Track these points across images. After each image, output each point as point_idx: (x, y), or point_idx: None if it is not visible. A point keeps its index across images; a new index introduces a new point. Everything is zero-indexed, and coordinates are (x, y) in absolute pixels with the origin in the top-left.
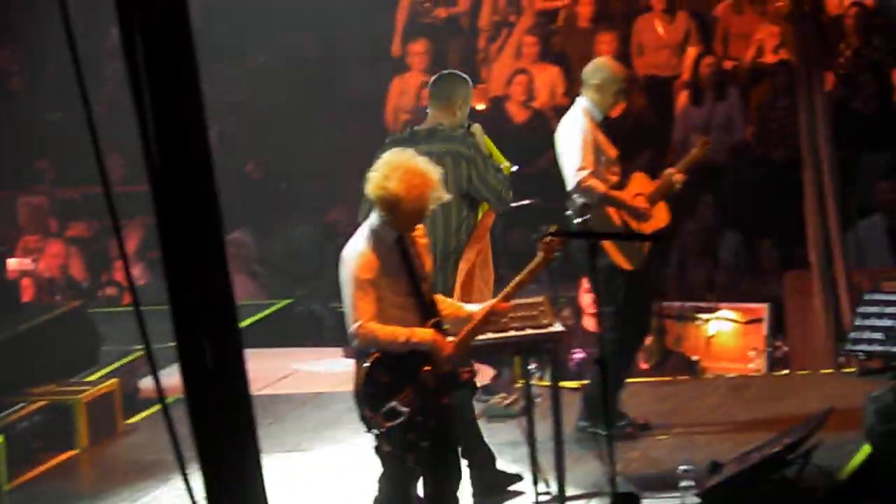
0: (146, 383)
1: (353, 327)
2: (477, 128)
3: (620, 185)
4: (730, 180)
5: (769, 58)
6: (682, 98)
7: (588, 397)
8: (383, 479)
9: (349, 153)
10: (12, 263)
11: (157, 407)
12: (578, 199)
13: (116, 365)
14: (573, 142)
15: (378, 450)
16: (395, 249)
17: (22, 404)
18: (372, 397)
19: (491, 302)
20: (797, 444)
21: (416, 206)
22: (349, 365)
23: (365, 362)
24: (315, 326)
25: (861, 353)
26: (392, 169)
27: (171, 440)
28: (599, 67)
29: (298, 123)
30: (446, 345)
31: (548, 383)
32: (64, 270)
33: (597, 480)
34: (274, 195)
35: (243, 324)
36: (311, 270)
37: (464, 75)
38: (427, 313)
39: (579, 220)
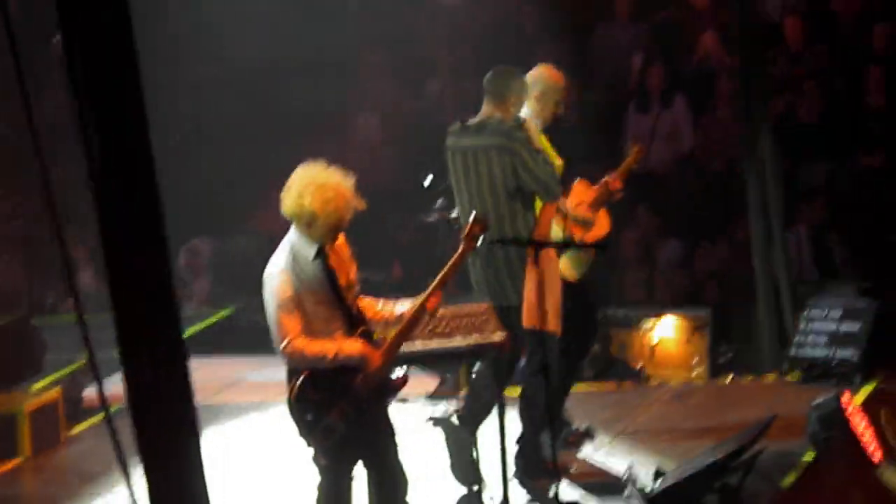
0: (90, 392)
1: (280, 345)
2: (530, 122)
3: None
4: (672, 189)
5: (713, 65)
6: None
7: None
8: (321, 489)
9: (293, 163)
10: None
11: (101, 416)
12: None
13: (60, 374)
14: None
15: (316, 461)
16: (316, 263)
17: None
18: (305, 415)
19: (417, 301)
20: (740, 452)
21: (333, 220)
22: None
23: (295, 382)
24: (259, 335)
25: (804, 360)
26: (304, 185)
27: (115, 449)
28: (540, 77)
29: (241, 134)
30: (375, 355)
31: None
32: (8, 279)
33: (542, 488)
34: (217, 205)
35: (187, 332)
36: (255, 279)
37: (517, 71)
38: (353, 323)
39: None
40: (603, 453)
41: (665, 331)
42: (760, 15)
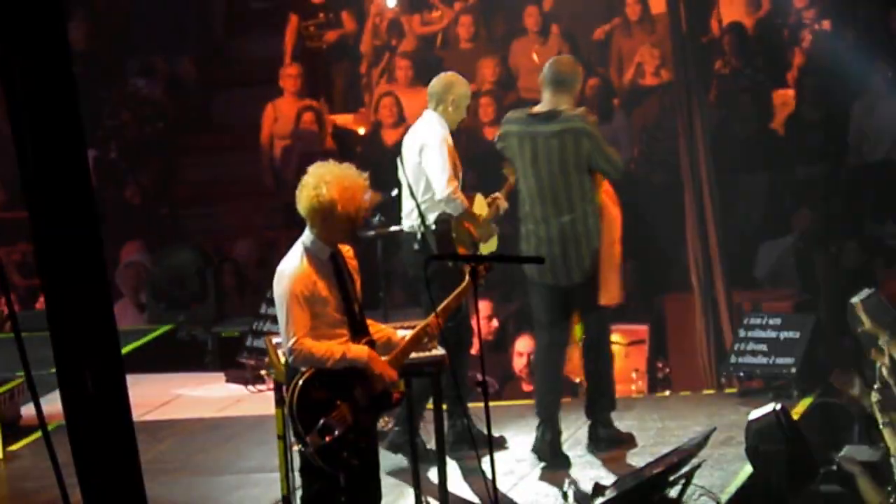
0: (28, 410)
1: (289, 343)
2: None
3: None
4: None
5: (649, 80)
6: None
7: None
8: (306, 502)
9: (227, 178)
10: None
11: (38, 433)
12: (434, 212)
13: None
14: (439, 152)
15: (305, 468)
16: (329, 267)
17: None
18: (305, 413)
19: (422, 323)
20: (679, 465)
21: (350, 212)
22: (231, 390)
23: (298, 378)
24: (197, 352)
25: (742, 373)
26: (319, 177)
27: (53, 467)
28: (453, 83)
29: (176, 148)
30: (381, 362)
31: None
32: None
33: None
34: (154, 220)
35: (124, 350)
36: (193, 295)
37: (575, 60)
38: (358, 332)
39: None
40: (541, 468)
41: None
42: (701, 29)
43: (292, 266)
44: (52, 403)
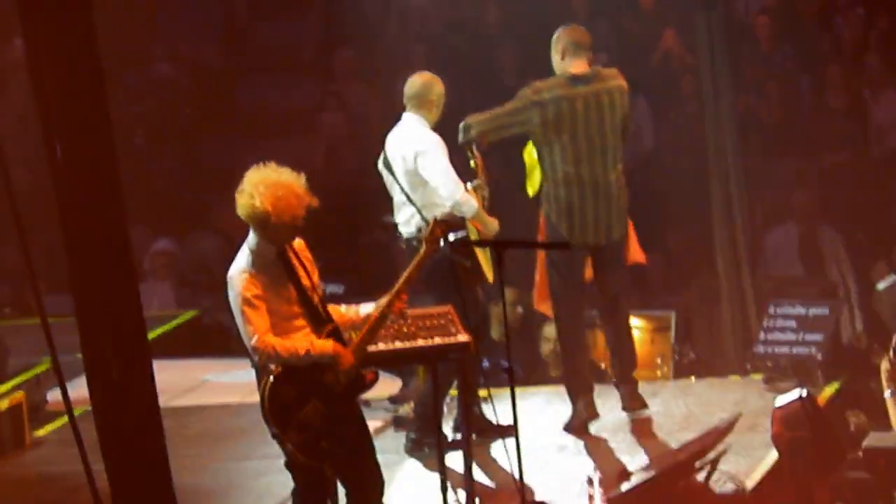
0: (54, 395)
1: (251, 342)
2: None
3: None
4: (637, 188)
5: (675, 64)
6: None
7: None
8: (297, 495)
9: (256, 162)
10: None
11: (64, 419)
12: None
13: (23, 377)
14: (440, 156)
15: (290, 464)
16: (277, 264)
17: None
18: (279, 412)
19: (382, 301)
20: (705, 451)
21: (287, 219)
22: None
23: (267, 379)
24: (223, 337)
25: (767, 357)
26: (254, 186)
27: (79, 452)
28: (431, 83)
29: (202, 134)
30: (345, 353)
31: (455, 392)
32: None
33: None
34: (179, 206)
35: (151, 335)
36: (219, 281)
37: None
38: (320, 322)
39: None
40: (567, 453)
41: None
42: (730, 14)
43: (238, 270)
44: (79, 389)
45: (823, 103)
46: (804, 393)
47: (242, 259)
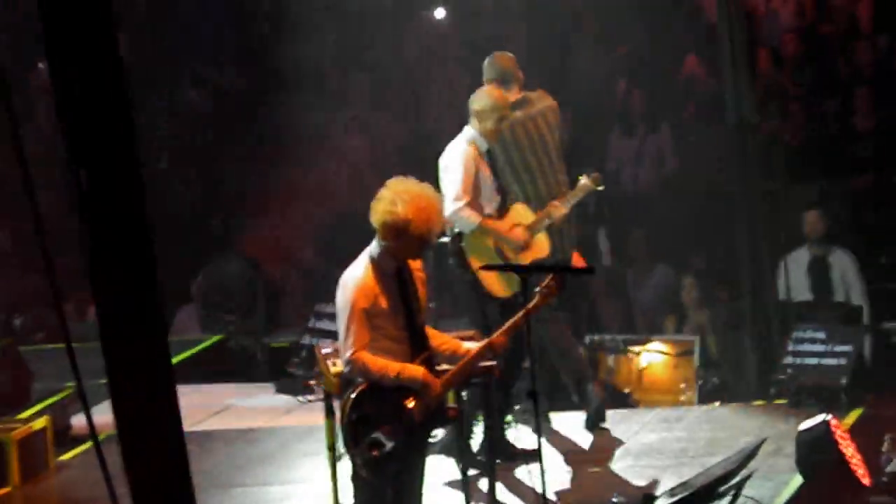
0: (78, 420)
1: (347, 354)
2: None
3: (500, 215)
4: (659, 212)
5: (700, 87)
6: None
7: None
8: None
9: (280, 187)
10: None
11: (89, 444)
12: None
13: (48, 402)
14: (454, 170)
15: (355, 477)
16: (394, 281)
17: None
18: (356, 426)
19: (485, 341)
20: (729, 476)
21: (424, 231)
22: (282, 400)
23: (352, 391)
24: (247, 362)
25: (791, 383)
26: (398, 194)
27: (104, 477)
28: (481, 95)
29: (226, 158)
30: (434, 384)
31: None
32: None
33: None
34: (205, 230)
35: (175, 360)
36: (244, 306)
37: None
38: (418, 347)
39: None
40: (591, 478)
41: (652, 356)
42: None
43: (356, 277)
44: (103, 414)
45: (849, 126)
46: (829, 417)
47: (361, 267)
